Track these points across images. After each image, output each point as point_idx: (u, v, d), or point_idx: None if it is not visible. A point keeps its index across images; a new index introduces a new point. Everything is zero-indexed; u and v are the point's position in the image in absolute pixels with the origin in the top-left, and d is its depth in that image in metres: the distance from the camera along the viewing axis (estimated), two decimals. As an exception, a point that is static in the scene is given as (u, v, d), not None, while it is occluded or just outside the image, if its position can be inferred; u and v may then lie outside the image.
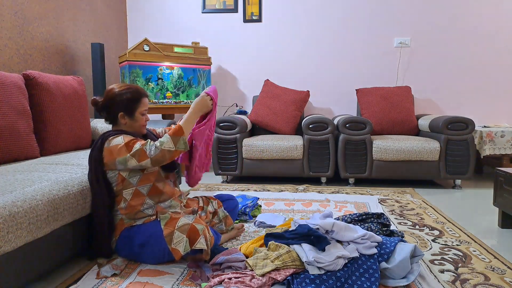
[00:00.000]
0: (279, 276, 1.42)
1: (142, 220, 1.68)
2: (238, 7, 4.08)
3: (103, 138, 1.69)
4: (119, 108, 1.74)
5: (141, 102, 1.76)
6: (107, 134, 1.70)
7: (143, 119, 1.79)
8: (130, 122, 1.77)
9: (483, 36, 3.87)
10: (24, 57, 2.67)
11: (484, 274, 1.56)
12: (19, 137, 2.01)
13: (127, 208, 1.68)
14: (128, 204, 1.68)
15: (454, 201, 2.84)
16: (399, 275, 1.45)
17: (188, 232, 1.55)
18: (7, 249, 1.20)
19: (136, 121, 1.77)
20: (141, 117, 1.78)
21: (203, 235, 1.56)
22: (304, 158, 3.27)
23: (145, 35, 4.04)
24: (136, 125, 1.78)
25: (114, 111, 1.75)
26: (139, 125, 1.78)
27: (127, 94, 1.73)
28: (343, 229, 1.58)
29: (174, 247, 1.54)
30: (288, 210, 2.49)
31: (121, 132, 1.73)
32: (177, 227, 1.57)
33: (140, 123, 1.78)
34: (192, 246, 1.54)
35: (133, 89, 1.76)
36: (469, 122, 3.13)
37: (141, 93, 1.77)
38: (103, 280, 1.52)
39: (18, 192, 1.34)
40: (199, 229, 1.56)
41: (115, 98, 1.73)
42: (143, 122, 1.79)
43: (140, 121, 1.78)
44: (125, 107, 1.73)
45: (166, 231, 1.58)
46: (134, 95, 1.75)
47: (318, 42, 4.05)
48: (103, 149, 1.66)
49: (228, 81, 4.18)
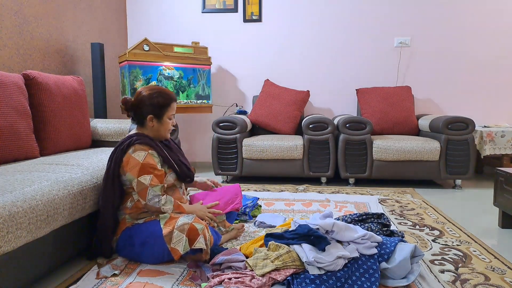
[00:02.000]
0: (279, 276, 1.42)
1: (143, 220, 1.69)
2: (238, 7, 4.08)
3: (130, 142, 1.70)
4: (149, 111, 1.76)
5: (170, 107, 1.79)
6: (135, 139, 1.71)
7: (170, 123, 1.82)
8: (158, 125, 1.79)
9: (483, 36, 3.86)
10: (24, 57, 2.67)
11: (484, 274, 1.56)
12: (19, 137, 2.00)
13: (132, 208, 1.70)
14: (135, 204, 1.70)
15: (454, 201, 2.84)
16: (399, 275, 1.45)
17: (188, 231, 1.55)
18: (7, 249, 1.20)
19: (163, 125, 1.80)
20: (168, 121, 1.81)
21: (202, 234, 1.56)
22: (304, 158, 3.27)
23: (145, 35, 4.03)
24: (162, 128, 1.80)
25: (143, 113, 1.77)
26: (164, 129, 1.81)
27: (158, 98, 1.75)
28: (343, 229, 1.57)
29: (173, 247, 1.54)
30: (288, 210, 2.49)
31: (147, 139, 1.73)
32: (176, 227, 1.57)
33: (166, 127, 1.81)
34: (192, 246, 1.54)
35: (164, 93, 1.79)
36: (469, 122, 3.13)
37: (171, 98, 1.80)
38: (103, 280, 1.51)
39: (18, 192, 1.34)
40: (198, 228, 1.57)
41: (146, 101, 1.75)
42: (169, 127, 1.82)
43: (166, 125, 1.81)
44: (155, 110, 1.76)
45: (166, 230, 1.58)
46: (165, 99, 1.77)
47: (318, 42, 4.04)
48: (126, 153, 1.68)
49: (228, 81, 4.18)
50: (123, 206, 1.72)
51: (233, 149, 3.35)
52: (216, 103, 4.15)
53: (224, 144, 3.35)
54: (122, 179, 1.71)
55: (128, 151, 1.68)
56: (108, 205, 1.69)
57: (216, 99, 4.16)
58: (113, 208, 1.69)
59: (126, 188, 1.72)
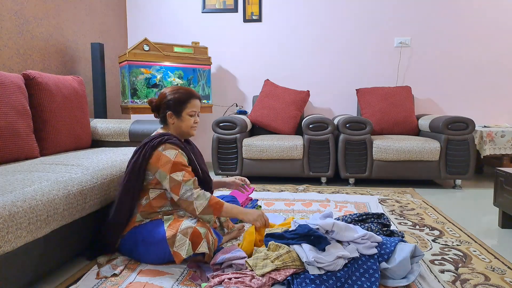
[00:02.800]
0: (279, 276, 1.42)
1: (150, 219, 1.70)
2: (238, 7, 4.08)
3: (161, 140, 1.69)
4: (168, 107, 1.77)
5: (190, 103, 1.78)
6: (166, 138, 1.71)
7: (191, 120, 1.80)
8: (177, 122, 1.79)
9: (484, 36, 3.86)
10: (24, 57, 2.67)
11: (484, 274, 1.56)
12: (19, 137, 2.00)
13: (146, 206, 1.70)
14: (149, 202, 1.70)
15: (454, 201, 2.84)
16: (399, 275, 1.45)
17: (191, 235, 1.54)
18: (7, 249, 1.20)
19: (183, 122, 1.79)
20: (189, 118, 1.79)
21: (205, 239, 1.56)
22: (304, 158, 3.27)
23: (145, 35, 4.04)
24: (183, 125, 1.79)
25: (163, 111, 1.79)
26: (186, 126, 1.80)
27: (176, 94, 1.77)
28: (343, 229, 1.57)
29: (176, 250, 1.53)
30: (288, 210, 2.49)
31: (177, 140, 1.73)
32: (180, 230, 1.56)
33: (187, 123, 1.80)
34: (195, 250, 1.53)
35: (184, 90, 1.80)
36: (469, 122, 3.13)
37: (191, 94, 1.80)
38: (103, 280, 1.51)
39: (18, 192, 1.34)
40: (202, 232, 1.56)
41: (166, 98, 1.78)
42: (190, 123, 1.80)
43: (187, 122, 1.79)
44: (174, 107, 1.77)
45: (169, 233, 1.57)
46: (183, 95, 1.78)
47: (318, 42, 4.04)
48: (156, 150, 1.68)
49: (228, 81, 4.18)
50: (138, 202, 1.72)
51: (233, 149, 3.35)
52: (216, 103, 4.15)
53: (224, 144, 3.35)
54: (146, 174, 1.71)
55: (158, 149, 1.68)
56: (128, 197, 1.68)
57: (216, 99, 4.16)
58: (131, 202, 1.69)
59: (146, 184, 1.71)
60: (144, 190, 1.72)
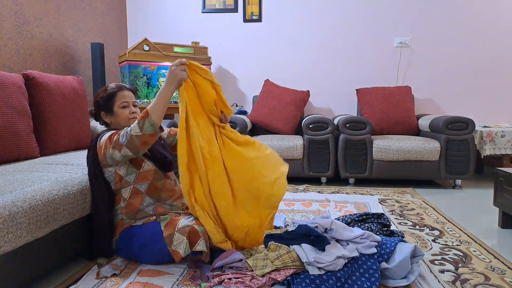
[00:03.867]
0: (279, 276, 1.42)
1: (142, 221, 1.68)
2: (238, 7, 4.08)
3: (96, 137, 1.71)
4: (100, 109, 1.79)
5: (116, 96, 1.77)
6: (99, 133, 1.73)
7: (126, 112, 1.77)
8: (113, 118, 1.79)
9: (484, 36, 3.86)
10: (24, 57, 2.67)
11: (484, 274, 1.56)
12: (19, 137, 2.00)
13: (127, 207, 1.68)
14: (128, 202, 1.68)
15: (454, 201, 2.84)
16: (399, 275, 1.45)
17: (189, 234, 1.55)
18: (7, 249, 1.20)
19: (117, 116, 1.77)
20: (122, 110, 1.77)
21: (203, 237, 1.56)
22: (304, 158, 3.27)
23: (145, 35, 4.03)
24: (119, 119, 1.77)
25: (98, 114, 1.82)
26: (123, 119, 1.77)
27: (100, 94, 1.79)
28: (342, 227, 1.58)
29: (174, 249, 1.54)
30: (288, 210, 2.49)
31: (111, 129, 1.75)
32: (177, 229, 1.57)
33: (123, 116, 1.77)
34: (193, 248, 1.53)
35: (108, 87, 1.80)
36: (469, 122, 3.13)
37: (117, 88, 1.79)
38: (103, 280, 1.51)
39: (18, 192, 1.34)
40: (199, 231, 1.56)
41: (95, 102, 1.81)
42: (126, 115, 1.77)
43: (122, 115, 1.77)
44: (103, 106, 1.78)
45: (166, 233, 1.57)
46: (108, 91, 1.78)
47: (318, 42, 4.04)
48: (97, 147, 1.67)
49: (228, 81, 4.18)
50: (118, 207, 1.70)
51: (233, 149, 3.34)
52: (216, 103, 4.15)
53: (224, 144, 3.35)
54: (106, 175, 1.68)
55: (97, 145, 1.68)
56: (99, 205, 1.66)
57: (216, 99, 4.15)
58: (104, 207, 1.66)
59: (114, 185, 1.69)
60: (117, 195, 1.70)
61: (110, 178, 1.68)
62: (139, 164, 1.69)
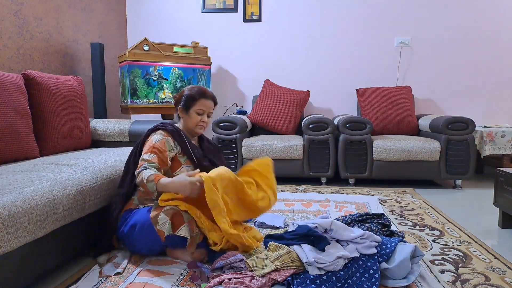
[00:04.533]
0: (279, 276, 1.42)
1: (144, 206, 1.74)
2: (238, 7, 4.08)
3: (157, 126, 1.84)
4: (181, 102, 1.89)
5: (199, 101, 1.86)
6: (160, 125, 1.85)
7: (198, 118, 1.86)
8: (185, 117, 1.89)
9: (484, 36, 3.86)
10: (24, 57, 2.67)
11: (485, 274, 1.56)
12: (19, 137, 2.00)
13: (143, 192, 1.76)
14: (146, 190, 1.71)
15: (454, 201, 2.84)
16: (400, 275, 1.45)
17: (172, 215, 1.59)
18: (7, 249, 1.20)
19: (190, 118, 1.86)
20: (196, 115, 1.86)
21: (187, 224, 1.58)
22: (304, 158, 3.27)
23: (145, 35, 4.03)
24: (189, 122, 1.87)
25: (177, 105, 1.91)
26: (192, 123, 1.87)
27: (189, 91, 1.88)
28: (342, 227, 1.58)
29: (159, 229, 1.58)
30: (288, 210, 2.49)
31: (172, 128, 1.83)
32: (163, 210, 1.61)
33: (193, 120, 1.86)
34: (175, 231, 1.56)
35: (198, 89, 1.89)
36: (470, 122, 3.12)
37: (203, 94, 1.87)
38: (103, 280, 1.51)
39: (17, 192, 1.34)
40: (184, 216, 1.60)
41: (183, 93, 1.89)
42: (196, 121, 1.86)
43: (193, 119, 1.86)
44: (185, 102, 1.87)
45: (153, 214, 1.62)
46: (196, 93, 1.87)
47: (318, 42, 4.04)
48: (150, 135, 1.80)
49: (228, 81, 4.18)
50: (139, 188, 1.79)
51: (233, 149, 3.34)
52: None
53: (224, 144, 3.35)
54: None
55: (152, 133, 1.80)
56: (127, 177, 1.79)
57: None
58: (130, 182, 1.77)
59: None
60: None
61: None
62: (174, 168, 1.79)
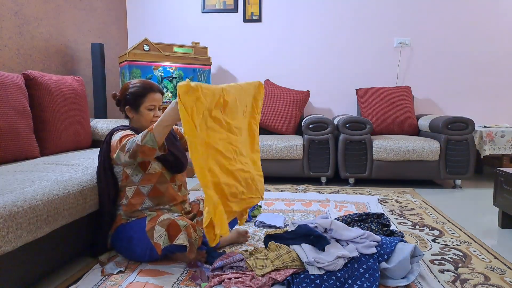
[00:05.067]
0: (279, 276, 1.42)
1: (135, 218, 1.70)
2: (238, 7, 4.08)
3: (111, 132, 1.73)
4: (127, 102, 1.77)
5: (147, 97, 1.75)
6: (114, 128, 1.75)
7: (151, 114, 1.76)
8: (136, 116, 1.78)
9: (483, 36, 3.86)
10: (24, 57, 2.67)
11: (484, 274, 1.56)
12: (19, 137, 2.00)
13: (127, 205, 1.71)
14: (129, 201, 1.71)
15: (454, 201, 2.84)
16: (399, 275, 1.45)
17: (168, 226, 1.56)
18: (7, 249, 1.20)
19: (141, 116, 1.77)
20: (147, 112, 1.76)
21: (185, 231, 1.54)
22: (304, 158, 3.27)
23: (145, 35, 4.03)
24: (142, 120, 1.77)
25: (123, 106, 1.79)
26: (145, 120, 1.77)
27: (134, 88, 1.75)
28: (341, 227, 1.58)
29: (156, 242, 1.55)
30: (288, 210, 2.49)
31: (126, 127, 1.75)
32: (158, 222, 1.59)
33: (146, 118, 1.76)
34: (173, 241, 1.52)
35: (143, 83, 1.77)
36: (469, 122, 3.13)
37: (149, 88, 1.76)
38: (103, 280, 1.52)
39: (18, 192, 1.34)
40: (180, 225, 1.56)
41: (125, 92, 1.77)
42: (150, 118, 1.76)
43: (146, 116, 1.76)
44: (131, 101, 1.75)
45: (149, 226, 1.60)
46: (141, 89, 1.75)
47: (318, 42, 4.04)
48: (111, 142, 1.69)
49: (228, 81, 4.18)
50: (120, 202, 1.74)
51: (233, 149, 3.34)
52: (216, 103, 4.15)
53: (224, 144, 3.35)
54: (115, 171, 1.73)
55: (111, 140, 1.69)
56: (104, 197, 1.71)
57: (216, 99, 4.15)
58: (109, 200, 1.71)
59: (121, 182, 1.73)
60: (121, 191, 1.74)
61: (118, 175, 1.73)
62: (145, 166, 1.70)
